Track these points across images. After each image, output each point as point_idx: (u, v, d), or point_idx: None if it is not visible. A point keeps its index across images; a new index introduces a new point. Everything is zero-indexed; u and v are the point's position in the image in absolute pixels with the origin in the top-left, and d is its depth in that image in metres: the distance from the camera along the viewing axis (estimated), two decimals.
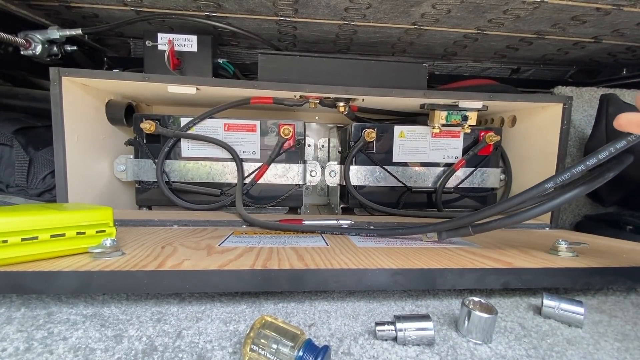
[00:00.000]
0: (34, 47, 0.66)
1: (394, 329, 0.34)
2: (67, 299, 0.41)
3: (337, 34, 0.76)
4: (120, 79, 0.62)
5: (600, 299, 0.45)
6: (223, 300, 0.42)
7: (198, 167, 0.73)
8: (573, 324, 0.38)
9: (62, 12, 0.68)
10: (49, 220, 0.40)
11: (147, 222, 0.64)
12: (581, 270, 0.44)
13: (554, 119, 0.71)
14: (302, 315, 0.39)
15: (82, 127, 0.65)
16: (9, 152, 0.67)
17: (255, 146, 0.73)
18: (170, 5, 0.65)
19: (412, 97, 0.67)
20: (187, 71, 0.73)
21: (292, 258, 0.43)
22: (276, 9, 0.64)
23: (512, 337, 0.36)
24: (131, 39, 0.84)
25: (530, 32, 0.72)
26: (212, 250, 0.46)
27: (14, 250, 0.38)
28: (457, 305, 0.42)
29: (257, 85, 0.64)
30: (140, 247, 0.47)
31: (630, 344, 0.35)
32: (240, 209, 0.66)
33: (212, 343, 0.33)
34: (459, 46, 0.82)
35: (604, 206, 0.84)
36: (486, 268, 0.42)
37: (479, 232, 0.50)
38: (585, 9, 0.61)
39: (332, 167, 0.78)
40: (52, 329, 0.35)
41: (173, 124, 0.71)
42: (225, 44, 0.84)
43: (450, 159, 0.77)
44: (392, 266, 0.41)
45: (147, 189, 0.73)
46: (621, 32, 0.70)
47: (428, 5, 0.61)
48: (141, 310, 0.39)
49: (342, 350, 0.33)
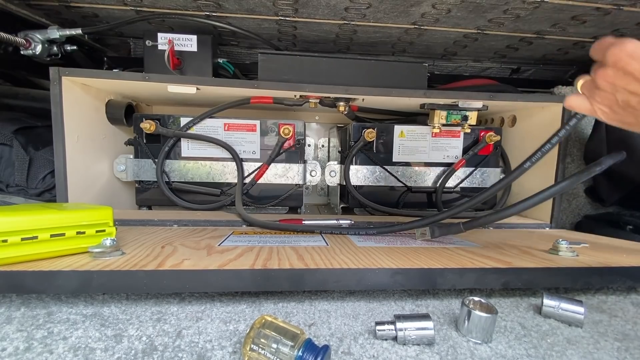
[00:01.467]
0: (34, 47, 0.66)
1: (394, 329, 0.34)
2: (67, 299, 0.41)
3: (337, 34, 0.76)
4: (120, 79, 0.62)
5: (600, 298, 0.45)
6: (223, 300, 0.42)
7: (198, 167, 0.73)
8: (573, 323, 0.38)
9: (62, 12, 0.68)
10: (49, 220, 0.40)
11: (147, 222, 0.64)
12: (581, 270, 0.44)
13: (554, 119, 0.71)
14: (302, 315, 0.39)
15: (82, 127, 0.65)
16: (9, 152, 0.67)
17: (255, 146, 0.73)
18: (170, 5, 0.65)
19: (412, 97, 0.67)
20: (187, 71, 0.72)
21: (292, 258, 0.43)
22: (276, 8, 0.64)
23: (512, 336, 0.36)
24: (131, 38, 0.84)
25: (530, 32, 0.72)
26: (212, 250, 0.46)
27: (14, 250, 0.38)
28: (457, 305, 0.42)
29: (257, 85, 0.64)
30: (140, 246, 0.47)
31: (630, 344, 0.35)
32: (240, 209, 0.66)
33: (212, 343, 0.33)
34: (459, 46, 0.82)
35: (604, 206, 0.84)
36: (486, 268, 0.42)
37: (470, 228, 0.51)
38: (585, 9, 0.61)
39: (332, 167, 0.78)
40: (52, 329, 0.35)
41: (173, 124, 0.71)
42: (225, 44, 0.84)
43: (450, 159, 0.77)
44: (392, 266, 0.41)
45: (147, 188, 0.73)
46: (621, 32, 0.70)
47: (428, 5, 0.61)
48: (141, 310, 0.39)
49: (342, 350, 0.33)
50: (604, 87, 0.37)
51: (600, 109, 0.39)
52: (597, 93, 0.38)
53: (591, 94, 0.39)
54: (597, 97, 0.39)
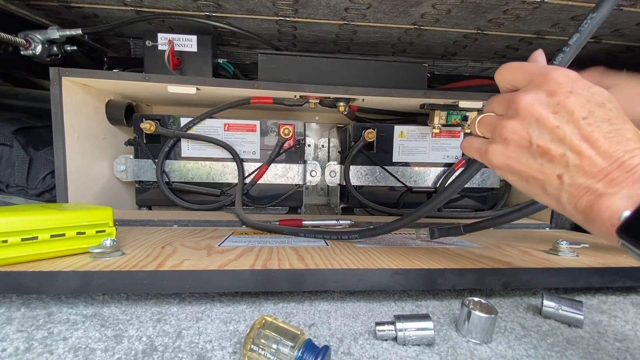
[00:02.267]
0: (34, 47, 0.66)
1: (394, 329, 0.34)
2: (67, 299, 0.41)
3: (337, 34, 0.76)
4: (120, 79, 0.62)
5: (600, 298, 0.46)
6: (223, 300, 0.42)
7: (198, 167, 0.73)
8: (573, 324, 0.38)
9: (62, 12, 0.68)
10: (49, 220, 0.40)
11: (147, 222, 0.64)
12: (581, 270, 0.44)
13: None
14: (302, 315, 0.39)
15: (82, 127, 0.65)
16: (9, 152, 0.67)
17: (255, 146, 0.73)
18: (170, 5, 0.65)
19: (412, 97, 0.67)
20: (187, 71, 0.72)
21: (292, 258, 0.43)
22: (276, 9, 0.64)
23: (512, 337, 0.36)
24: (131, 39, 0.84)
25: (530, 32, 0.72)
26: (212, 250, 0.46)
27: (14, 250, 0.38)
28: (457, 305, 0.42)
29: (257, 85, 0.64)
30: (140, 247, 0.47)
31: (630, 344, 0.35)
32: (239, 210, 0.66)
33: (212, 343, 0.33)
34: (459, 46, 0.82)
35: None
36: (486, 268, 0.42)
37: (470, 231, 0.51)
38: (586, 9, 0.61)
39: (332, 167, 0.78)
40: (52, 329, 0.35)
41: (173, 124, 0.71)
42: (225, 44, 0.84)
43: (450, 159, 0.77)
44: (392, 266, 0.41)
45: (147, 189, 0.73)
46: (621, 32, 0.70)
47: (428, 5, 0.61)
48: (141, 310, 0.39)
49: (342, 350, 0.33)
50: (513, 131, 0.28)
51: (500, 163, 0.30)
52: (498, 138, 0.29)
53: (492, 137, 0.30)
54: (496, 145, 0.29)
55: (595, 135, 0.25)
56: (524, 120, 0.28)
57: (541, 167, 0.27)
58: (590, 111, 0.26)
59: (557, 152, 0.26)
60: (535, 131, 0.27)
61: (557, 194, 0.27)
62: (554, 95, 0.27)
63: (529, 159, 0.28)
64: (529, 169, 0.28)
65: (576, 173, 0.25)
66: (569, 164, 0.26)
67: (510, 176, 0.30)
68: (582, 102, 0.26)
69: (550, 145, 0.26)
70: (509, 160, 0.29)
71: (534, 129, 0.27)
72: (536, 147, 0.27)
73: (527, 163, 0.28)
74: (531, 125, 0.27)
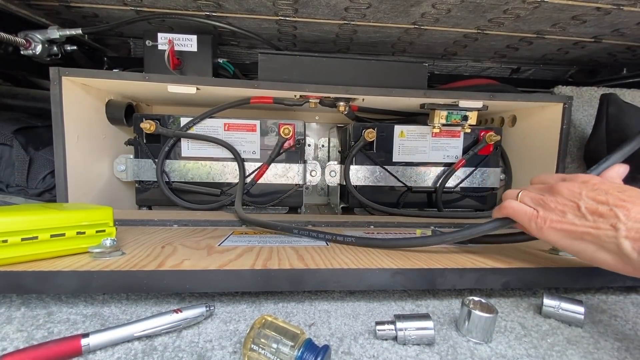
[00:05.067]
0: (34, 47, 0.66)
1: (394, 329, 0.34)
2: (67, 299, 0.41)
3: (337, 34, 0.76)
4: (120, 79, 0.62)
5: (601, 298, 0.45)
6: (223, 300, 0.42)
7: (198, 166, 0.73)
8: (573, 323, 0.38)
9: (62, 12, 0.68)
10: (49, 220, 0.40)
11: (147, 222, 0.64)
12: (581, 270, 0.44)
13: (554, 119, 0.71)
14: (302, 315, 0.39)
15: (82, 127, 0.65)
16: (9, 152, 0.67)
17: (255, 146, 0.73)
18: (170, 5, 0.65)
19: (412, 97, 0.67)
20: (187, 71, 0.73)
21: (292, 258, 0.43)
22: (276, 8, 0.64)
23: (512, 336, 0.36)
24: (131, 38, 0.84)
25: (530, 31, 0.72)
26: (212, 250, 0.46)
27: (14, 250, 0.38)
28: (457, 305, 0.42)
29: (257, 85, 0.64)
30: (140, 246, 0.47)
31: (630, 344, 0.35)
32: (239, 210, 0.66)
33: (212, 343, 0.33)
34: (459, 46, 0.82)
35: None
36: (486, 268, 0.42)
37: (476, 243, 0.51)
38: (586, 9, 0.61)
39: (332, 167, 0.78)
40: (52, 329, 0.35)
41: (173, 124, 0.71)
42: (225, 44, 0.84)
43: (450, 159, 0.77)
44: (392, 266, 0.41)
45: (147, 188, 0.73)
46: (621, 32, 0.70)
47: (428, 4, 0.61)
48: (141, 310, 0.39)
49: (342, 350, 0.33)
50: (564, 195, 0.35)
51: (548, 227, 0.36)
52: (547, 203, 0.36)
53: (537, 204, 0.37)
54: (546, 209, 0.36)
55: (629, 194, 0.32)
56: (568, 193, 0.35)
57: (594, 223, 0.32)
58: (616, 187, 0.33)
59: (604, 209, 0.32)
60: (580, 199, 0.34)
61: (616, 242, 0.31)
62: (588, 181, 0.35)
63: (580, 219, 0.33)
64: (582, 227, 0.33)
65: (628, 220, 0.30)
66: (618, 215, 0.31)
67: (564, 239, 0.35)
68: (608, 184, 0.34)
69: (597, 206, 0.32)
70: (562, 224, 0.35)
71: (578, 198, 0.34)
72: (585, 209, 0.33)
73: (580, 222, 0.33)
74: (574, 196, 0.34)
